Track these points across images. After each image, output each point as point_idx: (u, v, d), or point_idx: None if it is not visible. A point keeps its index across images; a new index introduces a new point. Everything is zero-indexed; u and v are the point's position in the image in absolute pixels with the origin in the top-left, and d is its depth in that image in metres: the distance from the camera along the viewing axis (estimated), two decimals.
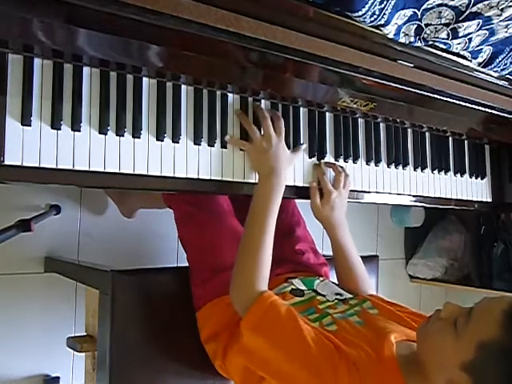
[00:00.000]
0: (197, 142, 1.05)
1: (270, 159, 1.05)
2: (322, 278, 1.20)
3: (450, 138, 1.52)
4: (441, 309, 0.85)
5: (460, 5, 1.00)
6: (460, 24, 1.03)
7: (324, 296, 1.10)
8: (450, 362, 0.78)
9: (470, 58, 1.16)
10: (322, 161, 1.22)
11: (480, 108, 1.29)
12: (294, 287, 1.13)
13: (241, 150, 1.09)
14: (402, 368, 0.84)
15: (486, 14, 1.02)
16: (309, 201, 1.21)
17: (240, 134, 1.10)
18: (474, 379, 0.75)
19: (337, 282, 1.22)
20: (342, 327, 0.95)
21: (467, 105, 1.26)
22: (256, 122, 1.10)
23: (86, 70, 0.93)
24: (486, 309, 0.78)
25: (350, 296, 1.11)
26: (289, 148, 1.16)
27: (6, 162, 0.84)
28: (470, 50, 1.12)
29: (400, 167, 1.37)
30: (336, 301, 1.09)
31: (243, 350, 0.97)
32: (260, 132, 1.08)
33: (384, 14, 0.96)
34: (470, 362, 0.75)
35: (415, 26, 1.03)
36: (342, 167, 1.23)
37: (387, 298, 1.16)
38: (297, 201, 1.43)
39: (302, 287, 1.14)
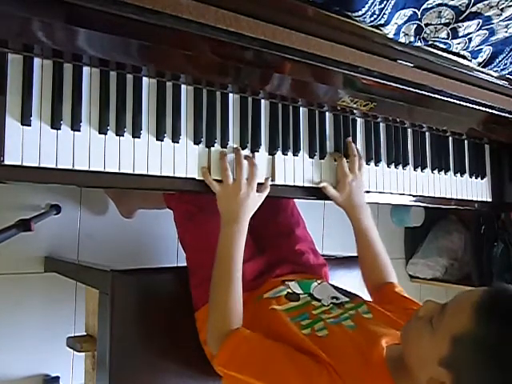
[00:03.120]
0: (197, 141, 1.05)
1: (234, 206, 1.05)
2: (319, 281, 1.20)
3: (450, 138, 1.52)
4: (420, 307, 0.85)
5: (460, 4, 1.00)
6: (460, 24, 1.03)
7: (319, 301, 1.10)
8: (429, 360, 0.78)
9: (469, 58, 1.16)
10: None
11: (480, 108, 1.29)
12: (289, 291, 1.13)
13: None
14: (392, 372, 0.84)
15: (486, 14, 1.02)
16: (308, 201, 1.21)
17: (240, 135, 1.10)
18: (453, 374, 0.75)
19: (336, 285, 1.22)
20: (333, 333, 0.95)
21: (467, 105, 1.26)
22: (254, 129, 1.12)
23: (85, 69, 0.93)
24: (458, 303, 0.78)
25: (346, 300, 1.11)
26: (287, 148, 1.16)
27: (6, 162, 0.85)
28: (469, 49, 1.12)
29: (400, 167, 1.37)
30: (331, 305, 1.09)
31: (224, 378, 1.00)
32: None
33: (384, 13, 0.96)
34: (447, 357, 0.75)
35: (415, 25, 1.03)
36: (357, 149, 1.25)
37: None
38: (296, 201, 1.43)
39: (299, 291, 1.14)
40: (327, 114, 1.24)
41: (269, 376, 0.90)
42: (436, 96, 1.20)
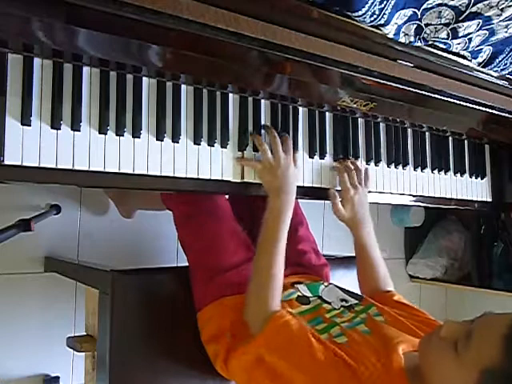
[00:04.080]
0: (197, 141, 1.05)
1: (278, 179, 1.07)
2: (326, 283, 1.20)
3: (450, 138, 1.52)
4: (442, 325, 0.83)
5: (460, 5, 1.00)
6: (460, 24, 1.03)
7: (330, 303, 1.10)
8: None
9: (469, 58, 1.16)
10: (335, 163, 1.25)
11: (480, 108, 1.29)
12: (299, 294, 1.13)
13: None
14: (410, 380, 0.83)
15: (486, 14, 1.02)
16: (309, 201, 1.20)
17: (238, 136, 1.10)
18: None
19: (340, 286, 1.22)
20: (352, 338, 0.94)
21: (467, 104, 1.26)
22: (254, 129, 1.12)
23: (85, 69, 0.93)
24: (486, 331, 0.76)
25: (356, 301, 1.11)
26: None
27: (6, 162, 0.84)
28: (469, 49, 1.12)
29: (400, 167, 1.37)
30: (342, 308, 1.08)
31: (259, 365, 0.98)
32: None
33: (384, 13, 0.96)
34: None
35: (415, 25, 1.03)
36: (354, 163, 1.25)
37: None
38: (300, 201, 1.43)
39: (308, 294, 1.14)
40: (327, 114, 1.24)
41: (307, 368, 0.89)
42: (436, 96, 1.20)
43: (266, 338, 0.96)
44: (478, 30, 1.06)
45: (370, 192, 1.30)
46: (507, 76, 1.26)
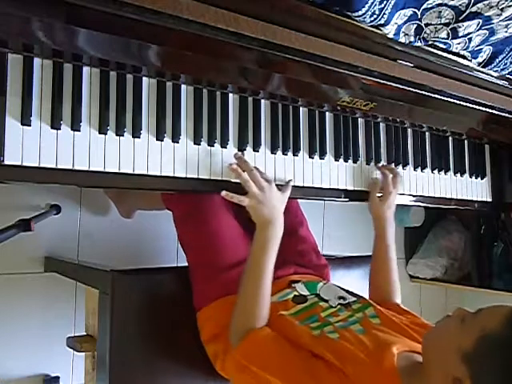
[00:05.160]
0: (197, 141, 1.05)
1: (264, 210, 1.06)
2: (324, 281, 1.20)
3: (450, 138, 1.52)
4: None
5: (460, 4, 1.00)
6: (460, 24, 1.03)
7: (327, 302, 1.10)
8: (451, 355, 0.78)
9: (469, 58, 1.16)
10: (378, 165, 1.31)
11: (480, 108, 1.30)
12: (296, 293, 1.13)
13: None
14: (402, 379, 0.84)
15: (486, 14, 1.02)
16: (310, 201, 1.20)
17: (238, 135, 1.10)
18: (472, 371, 0.76)
19: (339, 285, 1.22)
20: (343, 336, 0.95)
21: (467, 104, 1.27)
22: (254, 129, 1.12)
23: (85, 69, 0.93)
24: (493, 309, 0.80)
25: (354, 299, 1.11)
26: (287, 148, 1.16)
27: (6, 162, 0.84)
28: (469, 49, 1.12)
29: (400, 167, 1.37)
30: (339, 306, 1.08)
31: (244, 370, 1.01)
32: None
33: (384, 13, 0.96)
34: (470, 353, 0.76)
35: (415, 25, 1.03)
36: (395, 168, 1.32)
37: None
38: (300, 201, 1.43)
39: (305, 292, 1.14)
40: (327, 114, 1.24)
41: (284, 376, 0.91)
42: (436, 96, 1.20)
43: (243, 351, 0.98)
44: (477, 30, 1.06)
45: (369, 192, 1.31)
46: (507, 76, 1.26)
